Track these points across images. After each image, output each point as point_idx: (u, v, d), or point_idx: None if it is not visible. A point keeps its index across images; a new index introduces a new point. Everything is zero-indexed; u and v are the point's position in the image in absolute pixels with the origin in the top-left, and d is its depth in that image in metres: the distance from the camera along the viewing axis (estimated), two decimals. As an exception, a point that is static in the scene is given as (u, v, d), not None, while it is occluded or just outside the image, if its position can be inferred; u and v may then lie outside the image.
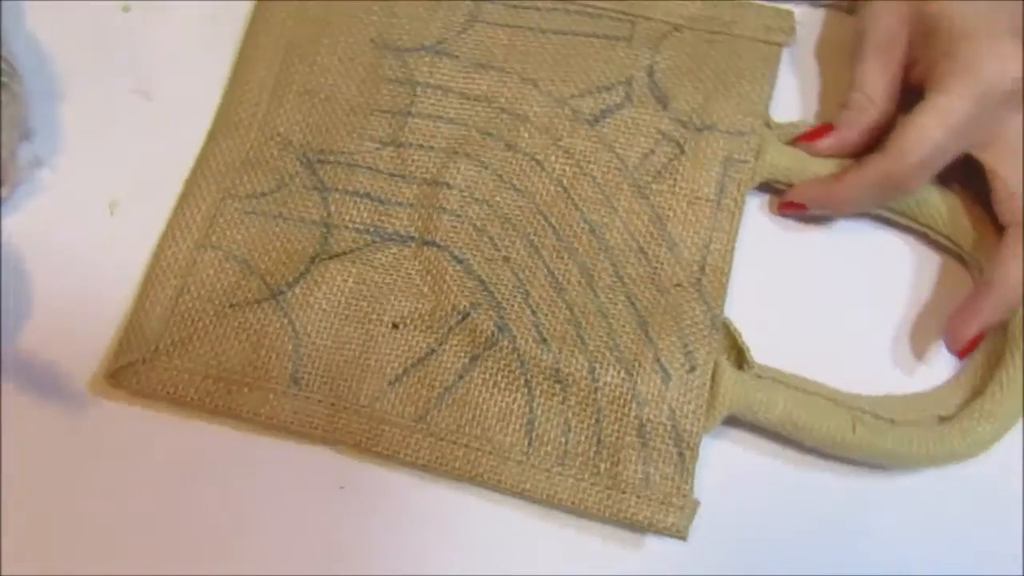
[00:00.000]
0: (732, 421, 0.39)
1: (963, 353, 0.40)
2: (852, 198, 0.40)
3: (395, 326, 0.40)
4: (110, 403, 0.40)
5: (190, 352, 0.40)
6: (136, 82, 0.46)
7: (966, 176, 0.40)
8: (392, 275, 0.41)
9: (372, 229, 0.42)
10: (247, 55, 0.44)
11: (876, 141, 0.40)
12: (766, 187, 0.43)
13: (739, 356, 0.40)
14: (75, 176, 0.44)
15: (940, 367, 0.41)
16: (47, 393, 0.40)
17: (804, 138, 0.41)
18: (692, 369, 0.39)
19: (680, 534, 0.37)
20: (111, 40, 0.47)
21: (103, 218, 0.44)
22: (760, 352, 0.40)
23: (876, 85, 0.40)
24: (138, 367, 0.39)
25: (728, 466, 0.39)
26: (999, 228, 0.39)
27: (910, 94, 0.40)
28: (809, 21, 0.45)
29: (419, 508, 0.39)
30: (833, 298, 0.42)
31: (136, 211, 0.43)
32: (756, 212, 0.43)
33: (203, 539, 0.39)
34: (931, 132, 0.37)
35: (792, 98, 0.44)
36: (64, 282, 0.42)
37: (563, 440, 0.39)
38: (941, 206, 0.41)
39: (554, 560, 0.38)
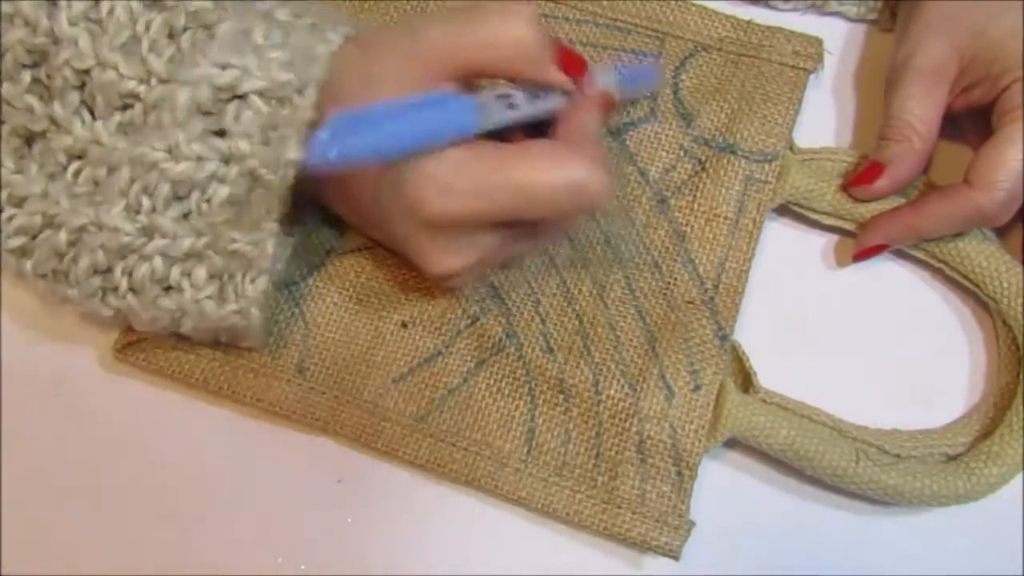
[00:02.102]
0: (733, 444, 0.39)
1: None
2: (935, 230, 0.39)
3: (404, 325, 0.40)
4: (119, 378, 0.41)
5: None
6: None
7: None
8: (405, 274, 0.41)
9: (388, 226, 0.42)
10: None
11: (924, 171, 0.40)
12: (787, 212, 0.42)
13: (745, 379, 0.40)
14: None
15: (951, 405, 0.40)
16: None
17: (857, 182, 0.40)
18: (696, 388, 0.38)
19: (673, 554, 0.37)
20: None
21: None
22: (768, 377, 0.39)
23: (921, 113, 0.39)
24: (146, 344, 0.40)
25: (727, 489, 0.39)
26: None
27: (953, 119, 0.40)
28: (843, 38, 0.45)
29: (416, 506, 0.39)
30: (847, 328, 0.41)
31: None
32: (775, 235, 0.42)
33: (196, 522, 0.39)
34: (1020, 165, 0.37)
35: (825, 116, 0.44)
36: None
37: (562, 451, 0.38)
38: (970, 250, 0.40)
39: (546, 567, 0.38)
